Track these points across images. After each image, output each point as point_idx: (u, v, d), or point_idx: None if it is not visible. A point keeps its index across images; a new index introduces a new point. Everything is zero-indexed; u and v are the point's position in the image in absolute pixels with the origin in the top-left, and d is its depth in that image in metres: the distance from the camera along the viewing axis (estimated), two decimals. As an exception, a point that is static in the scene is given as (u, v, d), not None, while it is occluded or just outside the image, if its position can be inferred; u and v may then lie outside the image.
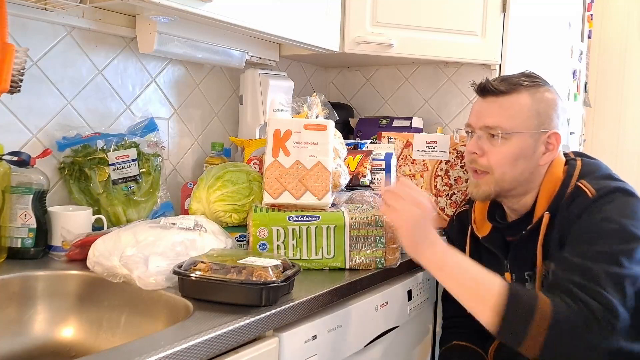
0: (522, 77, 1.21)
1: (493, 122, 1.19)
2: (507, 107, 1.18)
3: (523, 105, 1.18)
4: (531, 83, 1.20)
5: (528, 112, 1.18)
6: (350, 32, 1.68)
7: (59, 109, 1.34)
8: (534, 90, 1.19)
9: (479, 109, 1.23)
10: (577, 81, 2.76)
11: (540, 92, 1.20)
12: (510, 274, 1.25)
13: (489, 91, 1.21)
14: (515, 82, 1.20)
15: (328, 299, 1.07)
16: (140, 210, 1.36)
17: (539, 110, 1.19)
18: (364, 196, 1.37)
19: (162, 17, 1.34)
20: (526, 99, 1.19)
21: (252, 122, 1.70)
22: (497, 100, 1.20)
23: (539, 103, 1.19)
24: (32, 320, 1.06)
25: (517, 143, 1.18)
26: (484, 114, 1.21)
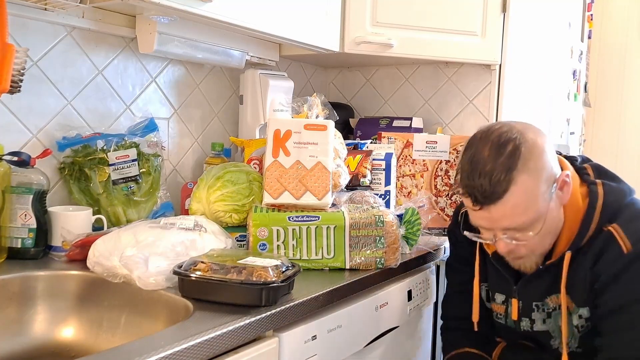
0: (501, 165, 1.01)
1: (514, 223, 1.04)
2: (517, 204, 1.02)
3: (528, 188, 1.02)
4: (514, 159, 1.01)
5: (536, 189, 1.03)
6: (350, 32, 1.68)
7: (59, 109, 1.34)
8: (523, 165, 1.01)
9: (486, 216, 1.05)
10: (577, 81, 2.76)
11: (529, 159, 1.02)
12: (517, 300, 1.20)
13: (487, 202, 1.03)
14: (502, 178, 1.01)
15: (328, 299, 1.07)
16: (140, 211, 1.37)
17: (541, 176, 1.03)
18: (364, 196, 1.37)
19: (162, 17, 1.34)
20: (526, 181, 1.01)
21: (252, 122, 1.70)
22: (502, 203, 1.02)
23: (537, 171, 1.03)
24: (32, 320, 1.06)
25: (545, 220, 1.05)
26: (497, 219, 1.05)
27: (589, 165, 1.18)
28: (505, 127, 1.07)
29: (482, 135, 1.08)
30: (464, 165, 1.07)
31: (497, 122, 1.12)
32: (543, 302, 1.17)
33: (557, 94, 2.46)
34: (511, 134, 1.05)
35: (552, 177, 1.06)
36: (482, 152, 1.04)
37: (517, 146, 1.03)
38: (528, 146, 1.03)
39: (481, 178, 1.02)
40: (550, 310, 1.17)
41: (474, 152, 1.06)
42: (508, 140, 1.04)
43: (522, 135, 1.05)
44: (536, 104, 2.18)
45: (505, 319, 1.24)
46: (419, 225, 1.33)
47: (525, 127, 1.08)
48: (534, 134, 1.07)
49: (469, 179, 1.04)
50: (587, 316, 1.12)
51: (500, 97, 1.87)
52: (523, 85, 2.01)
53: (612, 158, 3.26)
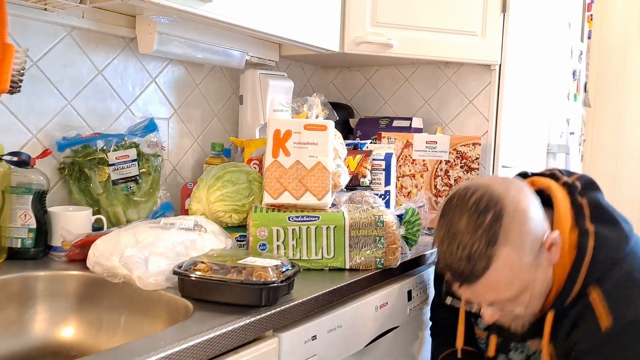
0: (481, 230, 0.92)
1: (499, 298, 0.97)
2: (501, 279, 0.94)
3: (512, 262, 0.93)
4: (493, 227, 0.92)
5: (521, 260, 0.94)
6: (350, 32, 1.68)
7: (59, 109, 1.34)
8: (504, 234, 0.92)
9: (470, 291, 0.98)
10: (577, 81, 2.76)
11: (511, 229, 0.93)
12: (497, 337, 1.14)
13: (468, 281, 0.95)
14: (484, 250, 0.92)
15: (328, 299, 1.07)
16: (140, 211, 1.37)
17: (525, 245, 0.94)
18: (364, 196, 1.37)
19: (162, 17, 1.34)
20: (509, 254, 0.92)
21: (252, 122, 1.70)
22: (483, 280, 0.94)
23: (520, 242, 0.93)
24: (32, 321, 1.06)
25: (532, 286, 0.98)
26: (480, 295, 0.98)
27: (587, 203, 1.03)
28: (482, 192, 0.96)
29: (459, 201, 0.97)
30: (441, 235, 0.98)
31: (475, 184, 1.00)
32: (523, 344, 1.12)
33: (557, 94, 2.46)
34: (490, 200, 0.95)
35: (538, 240, 0.96)
36: (458, 223, 0.95)
37: (497, 215, 0.93)
38: (509, 214, 0.94)
39: (459, 253, 0.93)
40: (530, 354, 1.11)
41: (450, 221, 0.96)
42: (487, 208, 0.94)
43: (502, 201, 0.95)
44: (536, 104, 2.18)
45: (486, 347, 1.19)
46: (419, 226, 1.33)
47: (505, 189, 0.97)
48: (516, 197, 0.96)
49: (447, 254, 0.96)
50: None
51: (500, 97, 1.87)
52: (523, 85, 2.01)
53: (612, 158, 3.26)
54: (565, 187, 1.06)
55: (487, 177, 1.03)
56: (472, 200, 0.96)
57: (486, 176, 1.03)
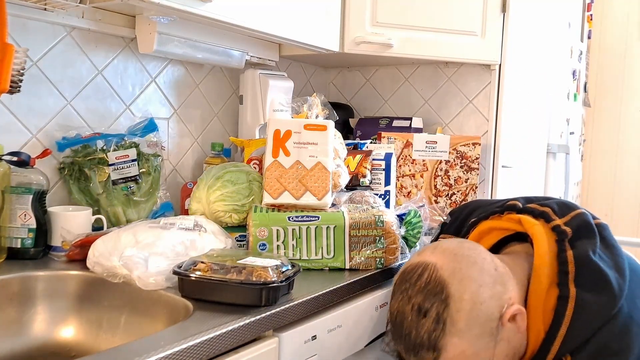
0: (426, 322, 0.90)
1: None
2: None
3: (463, 350, 0.90)
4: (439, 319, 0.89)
5: (472, 347, 0.90)
6: (350, 32, 1.68)
7: (59, 109, 1.34)
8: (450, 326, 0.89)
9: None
10: (577, 81, 2.76)
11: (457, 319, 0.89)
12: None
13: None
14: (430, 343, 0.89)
15: (328, 299, 1.07)
16: (140, 211, 1.37)
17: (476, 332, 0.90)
18: (364, 196, 1.37)
19: (162, 17, 1.34)
20: (457, 345, 0.89)
21: (252, 122, 1.70)
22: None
23: (469, 329, 0.90)
24: (32, 321, 1.06)
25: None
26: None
27: (573, 260, 0.95)
28: (428, 275, 0.93)
29: (406, 285, 0.94)
30: (391, 319, 0.96)
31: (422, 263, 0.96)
32: None
33: (557, 94, 2.46)
34: (436, 284, 0.91)
35: (493, 321, 0.91)
36: (404, 313, 0.93)
37: (443, 303, 0.90)
38: (455, 301, 0.90)
39: (406, 342, 0.92)
40: None
41: (397, 310, 0.94)
42: (433, 294, 0.91)
43: (448, 288, 0.91)
44: (536, 104, 2.18)
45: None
46: (419, 228, 1.33)
47: (453, 270, 0.92)
48: (463, 278, 0.92)
49: (396, 343, 0.95)
50: None
51: (500, 97, 1.87)
52: (523, 85, 2.02)
53: (612, 158, 3.26)
54: (554, 232, 0.99)
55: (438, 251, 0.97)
56: (417, 284, 0.93)
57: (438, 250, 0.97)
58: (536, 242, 0.98)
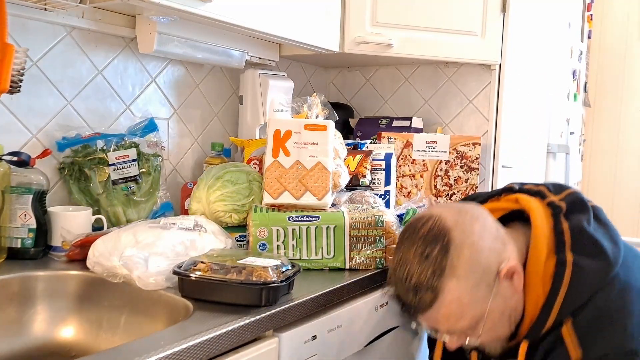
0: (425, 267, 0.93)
1: (452, 329, 0.97)
2: (451, 312, 0.94)
3: (460, 295, 0.93)
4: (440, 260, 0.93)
5: (468, 294, 0.94)
6: (350, 32, 1.68)
7: (59, 109, 1.34)
8: (450, 269, 0.93)
9: (426, 322, 0.99)
10: (577, 81, 2.76)
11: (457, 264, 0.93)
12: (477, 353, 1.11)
13: (416, 312, 0.97)
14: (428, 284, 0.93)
15: (328, 299, 1.07)
16: (140, 211, 1.37)
17: (474, 278, 0.94)
18: (364, 196, 1.37)
19: (162, 17, 1.34)
20: (455, 288, 0.93)
21: (252, 122, 1.70)
22: (432, 312, 0.95)
23: (468, 275, 0.93)
24: (32, 320, 1.06)
25: (490, 316, 0.96)
26: (435, 324, 0.98)
27: (569, 229, 0.99)
28: (432, 223, 0.97)
29: (410, 233, 0.99)
30: (393, 267, 0.99)
31: (428, 214, 1.00)
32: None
33: (557, 94, 2.46)
34: (439, 231, 0.95)
35: (491, 272, 0.95)
36: (408, 255, 0.96)
37: (444, 248, 0.94)
38: (456, 246, 0.94)
39: (406, 283, 0.95)
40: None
41: (402, 254, 0.98)
42: (434, 241, 0.95)
43: (450, 233, 0.95)
44: (536, 104, 2.18)
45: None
46: (419, 226, 1.33)
47: (455, 221, 0.97)
48: (467, 226, 0.96)
49: (397, 286, 0.98)
50: None
51: (500, 97, 1.87)
52: (523, 85, 2.02)
53: (612, 158, 3.26)
54: (549, 207, 1.03)
55: (444, 206, 1.06)
56: (421, 231, 0.97)
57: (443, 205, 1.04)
58: (533, 215, 1.02)
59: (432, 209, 1.03)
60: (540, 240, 0.99)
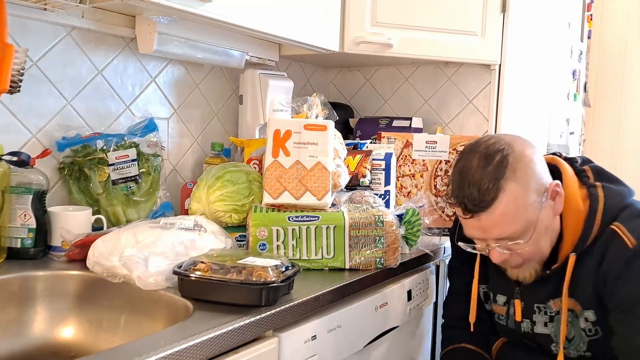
0: (489, 173, 1.04)
1: (505, 232, 1.06)
2: (507, 213, 1.04)
3: (517, 198, 1.04)
4: (502, 168, 1.04)
5: (525, 200, 1.05)
6: (350, 32, 1.68)
7: (59, 109, 1.34)
8: (511, 174, 1.04)
9: (475, 224, 1.08)
10: (577, 81, 2.76)
11: (517, 168, 1.05)
12: (520, 301, 1.20)
13: (474, 211, 1.05)
14: (490, 187, 1.03)
15: (328, 299, 1.07)
16: (140, 210, 1.36)
17: (530, 186, 1.06)
18: (363, 196, 1.37)
19: (162, 17, 1.34)
20: (514, 189, 1.04)
21: (252, 122, 1.70)
22: (489, 213, 1.04)
23: (525, 181, 1.05)
24: (32, 320, 1.06)
25: (537, 228, 1.07)
26: (487, 227, 1.07)
27: (589, 168, 1.18)
28: (493, 139, 1.10)
29: (471, 147, 1.11)
30: (454, 176, 1.10)
31: (486, 135, 1.14)
32: (545, 304, 1.17)
33: (557, 94, 2.46)
34: (499, 145, 1.08)
35: (541, 187, 1.08)
36: (470, 163, 1.07)
37: (505, 156, 1.05)
38: (515, 156, 1.06)
39: (470, 187, 1.05)
40: (553, 314, 1.16)
41: (463, 163, 1.09)
42: (496, 151, 1.07)
43: (510, 146, 1.07)
44: (536, 104, 2.18)
45: (506, 321, 1.25)
46: (419, 226, 1.33)
47: (513, 139, 1.10)
48: (522, 145, 1.09)
49: (459, 188, 1.07)
50: (593, 319, 1.11)
51: (500, 97, 1.87)
52: (523, 85, 2.01)
53: (612, 158, 3.26)
54: (567, 161, 1.20)
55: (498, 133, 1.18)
56: (482, 146, 1.09)
57: None
58: (558, 162, 1.18)
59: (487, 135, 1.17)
60: (571, 176, 1.15)
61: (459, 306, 1.34)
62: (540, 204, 1.07)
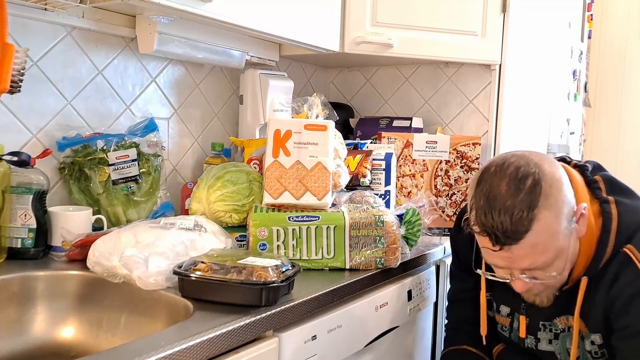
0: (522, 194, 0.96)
1: (535, 263, 0.99)
2: (540, 242, 0.97)
3: (550, 226, 0.97)
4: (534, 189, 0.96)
5: (558, 225, 0.97)
6: (350, 32, 1.68)
7: (59, 109, 1.34)
8: (544, 198, 0.96)
9: (507, 256, 0.99)
10: (577, 81, 2.76)
11: (550, 194, 0.97)
12: (525, 317, 1.16)
13: (508, 243, 0.97)
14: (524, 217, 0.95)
15: (328, 299, 1.07)
16: (140, 211, 1.36)
17: (562, 211, 0.98)
18: (364, 196, 1.37)
19: (162, 17, 1.34)
20: (548, 218, 0.96)
21: (252, 122, 1.70)
22: (524, 242, 0.96)
23: (557, 207, 0.97)
24: (32, 321, 1.06)
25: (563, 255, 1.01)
26: (516, 259, 0.99)
27: (601, 178, 1.10)
28: (521, 161, 1.00)
29: (497, 168, 1.00)
30: (480, 200, 0.99)
31: (511, 154, 1.04)
32: (551, 322, 1.14)
33: (557, 94, 2.46)
34: (529, 167, 0.98)
35: (571, 210, 1.00)
36: (499, 187, 0.98)
37: (537, 181, 0.97)
38: (547, 180, 0.97)
39: (501, 216, 0.95)
40: (558, 332, 1.13)
41: (490, 187, 0.99)
42: (527, 174, 0.97)
43: (540, 169, 0.98)
44: (536, 104, 2.18)
45: (509, 333, 1.22)
46: (419, 226, 1.33)
47: (541, 159, 1.01)
48: (551, 166, 1.01)
49: (487, 216, 0.97)
50: (600, 343, 1.08)
51: (500, 97, 1.87)
52: (523, 85, 2.01)
53: (612, 158, 3.26)
54: (577, 168, 1.13)
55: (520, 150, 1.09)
56: (510, 168, 0.99)
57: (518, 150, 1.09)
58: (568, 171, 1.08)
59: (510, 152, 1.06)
60: (582, 188, 1.07)
61: (461, 312, 1.33)
62: (569, 230, 1.00)
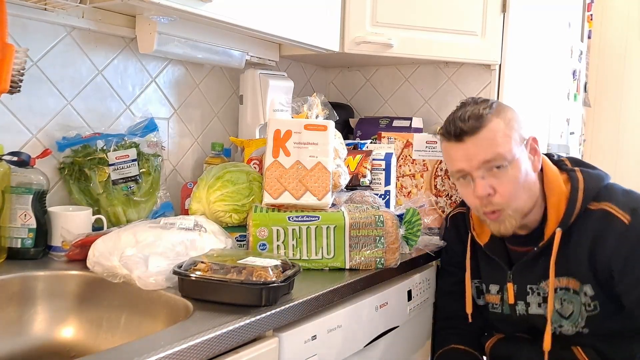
0: (479, 107, 1.20)
1: (490, 155, 1.17)
2: (492, 138, 1.17)
3: (501, 129, 1.18)
4: (490, 107, 1.20)
5: (508, 133, 1.18)
6: (350, 32, 1.68)
7: (59, 109, 1.34)
8: (496, 113, 1.19)
9: (464, 151, 1.19)
10: (577, 81, 2.76)
11: (502, 111, 1.20)
12: (512, 284, 1.26)
13: (465, 133, 1.18)
14: (480, 114, 1.19)
15: (328, 299, 1.07)
16: (140, 211, 1.36)
17: (512, 126, 1.19)
18: (364, 196, 1.37)
19: (162, 17, 1.34)
20: (499, 124, 1.18)
21: (252, 122, 1.70)
22: (478, 136, 1.18)
23: (508, 121, 1.19)
24: (32, 321, 1.06)
25: (516, 165, 1.18)
26: (474, 153, 1.18)
27: (566, 158, 1.30)
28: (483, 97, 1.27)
29: (465, 100, 1.27)
30: (448, 116, 1.25)
31: None
32: (538, 285, 1.22)
33: (557, 94, 2.46)
34: (488, 99, 1.24)
35: (522, 134, 1.21)
36: (464, 105, 1.23)
37: (494, 101, 1.23)
38: (503, 105, 1.23)
39: (462, 114, 1.19)
40: (546, 295, 1.21)
41: (458, 107, 1.24)
42: (486, 99, 1.23)
43: (497, 101, 1.25)
44: (536, 104, 2.18)
45: (501, 308, 1.30)
46: (419, 226, 1.33)
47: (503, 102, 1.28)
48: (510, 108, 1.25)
49: (453, 117, 1.22)
50: (592, 294, 1.17)
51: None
52: (523, 85, 2.01)
53: (612, 158, 3.26)
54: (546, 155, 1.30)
55: None
56: (474, 99, 1.25)
57: None
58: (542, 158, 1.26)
59: None
60: (549, 164, 1.26)
61: (449, 306, 1.41)
62: (521, 148, 1.19)
